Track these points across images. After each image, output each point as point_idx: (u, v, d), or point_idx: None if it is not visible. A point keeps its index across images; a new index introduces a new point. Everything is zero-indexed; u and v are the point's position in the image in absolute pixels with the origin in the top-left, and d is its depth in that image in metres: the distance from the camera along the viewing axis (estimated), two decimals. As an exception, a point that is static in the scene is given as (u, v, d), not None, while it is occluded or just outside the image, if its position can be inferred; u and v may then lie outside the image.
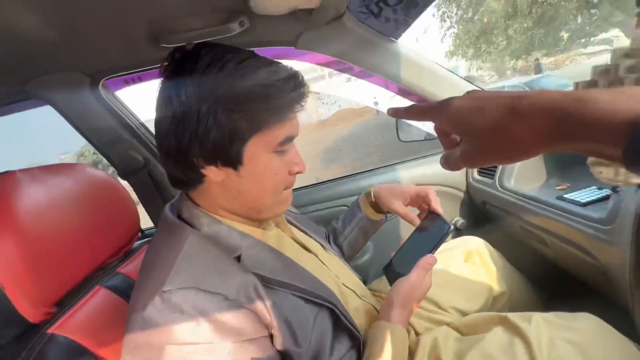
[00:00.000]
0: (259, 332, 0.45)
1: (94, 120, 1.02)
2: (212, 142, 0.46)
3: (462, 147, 0.31)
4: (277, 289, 0.49)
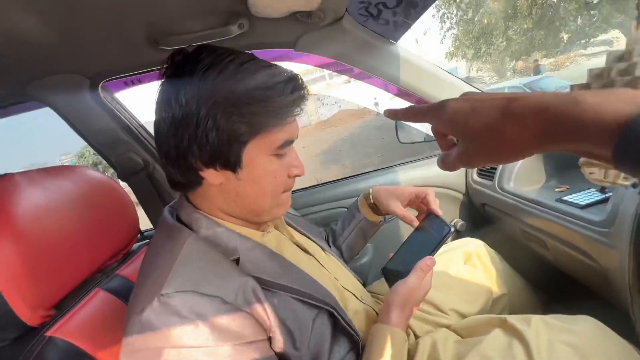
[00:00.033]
0: (258, 335, 0.45)
1: (93, 122, 1.02)
2: (211, 145, 0.46)
3: (458, 148, 0.32)
4: (276, 292, 0.49)
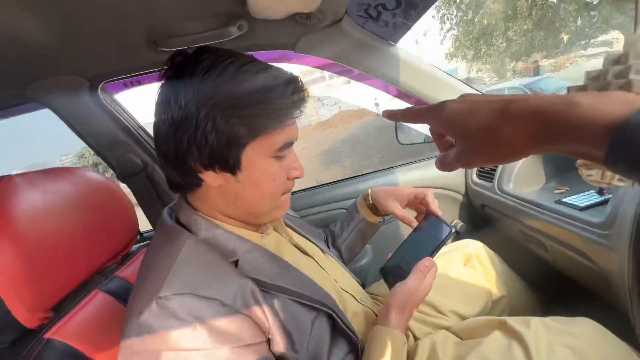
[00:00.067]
0: (256, 337, 0.45)
1: (93, 123, 1.02)
2: (211, 147, 0.46)
3: (456, 149, 0.32)
4: (275, 294, 0.49)
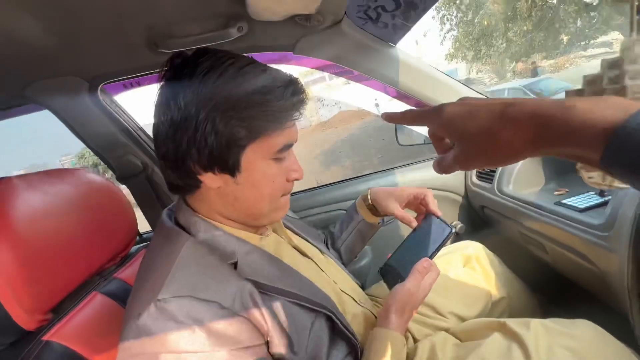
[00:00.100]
0: (255, 339, 0.45)
1: (92, 124, 1.02)
2: (210, 149, 0.46)
3: (454, 151, 0.32)
4: (274, 296, 0.49)
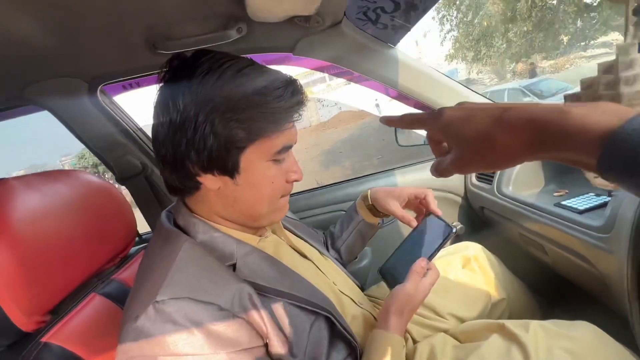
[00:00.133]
0: (254, 341, 0.45)
1: (92, 125, 1.02)
2: (209, 151, 0.46)
3: (452, 155, 0.33)
4: (273, 298, 0.49)
